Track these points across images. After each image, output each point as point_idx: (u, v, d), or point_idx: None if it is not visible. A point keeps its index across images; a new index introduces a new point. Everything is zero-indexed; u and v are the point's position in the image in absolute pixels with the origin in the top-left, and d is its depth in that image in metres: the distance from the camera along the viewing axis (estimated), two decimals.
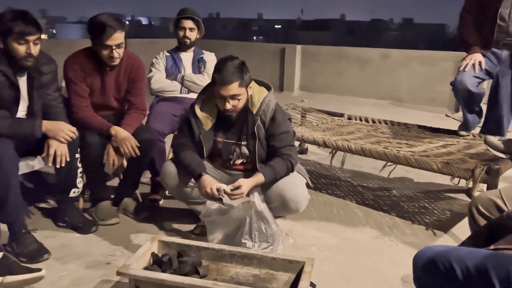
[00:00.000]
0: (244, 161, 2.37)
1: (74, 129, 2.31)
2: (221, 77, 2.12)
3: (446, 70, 5.99)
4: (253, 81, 2.31)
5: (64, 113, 2.45)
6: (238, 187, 2.10)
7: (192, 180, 2.29)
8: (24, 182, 2.95)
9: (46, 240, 2.31)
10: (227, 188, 2.12)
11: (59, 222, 2.54)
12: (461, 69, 3.04)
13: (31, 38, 2.14)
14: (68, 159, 2.27)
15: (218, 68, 2.15)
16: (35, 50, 2.17)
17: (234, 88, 2.13)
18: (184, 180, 2.32)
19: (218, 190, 2.14)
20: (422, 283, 1.29)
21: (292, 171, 2.27)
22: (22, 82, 2.27)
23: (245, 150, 2.32)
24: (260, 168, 2.22)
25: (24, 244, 2.18)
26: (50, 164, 2.26)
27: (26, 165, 2.36)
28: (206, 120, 2.29)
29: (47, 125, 2.24)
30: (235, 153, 2.35)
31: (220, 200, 2.17)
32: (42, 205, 2.82)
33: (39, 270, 1.94)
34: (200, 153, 2.31)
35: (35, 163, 2.40)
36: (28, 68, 2.23)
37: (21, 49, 2.14)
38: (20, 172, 2.25)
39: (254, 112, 2.24)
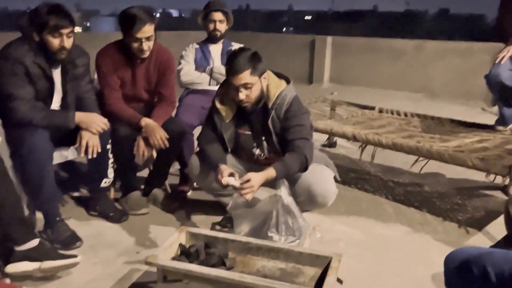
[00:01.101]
0: (268, 156, 2.35)
1: (106, 120, 2.35)
2: (232, 67, 2.13)
3: (483, 62, 5.74)
4: (272, 74, 2.28)
5: (97, 105, 2.50)
6: (247, 181, 2.01)
7: None
8: (59, 171, 3.04)
9: (78, 228, 2.37)
10: (236, 182, 2.04)
11: (91, 211, 2.62)
12: (497, 61, 2.91)
13: (65, 31, 2.18)
14: (99, 150, 2.31)
15: (230, 59, 2.16)
16: (68, 43, 2.21)
17: (245, 76, 2.11)
18: (208, 172, 2.33)
19: (231, 174, 2.10)
20: (454, 286, 1.25)
21: (307, 165, 2.17)
22: (57, 74, 2.33)
23: (265, 144, 2.31)
24: (274, 164, 2.13)
25: (59, 231, 2.26)
26: (82, 155, 2.31)
27: (60, 155, 2.43)
28: (225, 112, 2.29)
29: (80, 117, 2.29)
30: (258, 147, 2.33)
31: (228, 186, 2.09)
32: (75, 194, 2.90)
33: (74, 256, 1.99)
34: (224, 146, 2.32)
35: (69, 154, 2.47)
36: (62, 60, 2.28)
37: (55, 42, 2.18)
38: (54, 162, 2.32)
39: (270, 105, 2.22)
